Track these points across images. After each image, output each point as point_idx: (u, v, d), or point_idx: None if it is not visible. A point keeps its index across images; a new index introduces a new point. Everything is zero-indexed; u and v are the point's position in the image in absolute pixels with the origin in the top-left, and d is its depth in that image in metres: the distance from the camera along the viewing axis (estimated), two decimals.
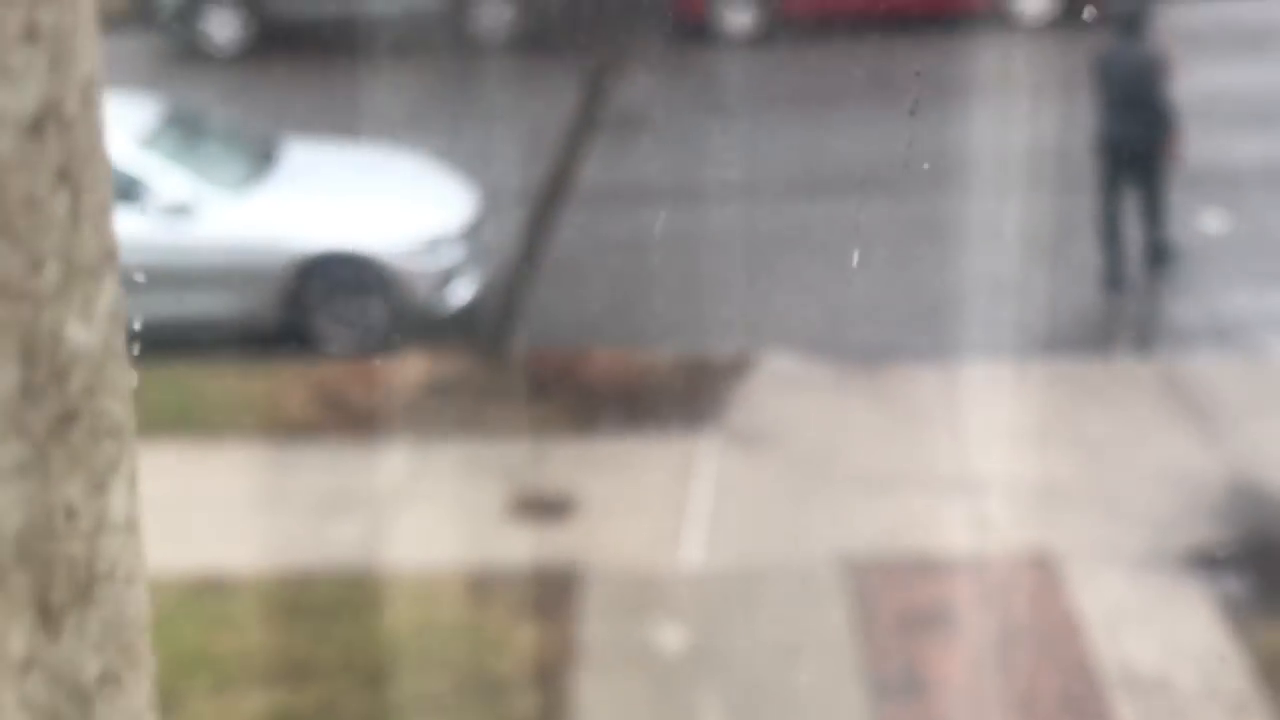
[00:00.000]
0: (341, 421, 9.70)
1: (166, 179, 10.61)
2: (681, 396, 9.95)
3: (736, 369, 10.17)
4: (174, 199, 10.57)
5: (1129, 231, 11.26)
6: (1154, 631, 7.87)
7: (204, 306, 10.42)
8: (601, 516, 8.87)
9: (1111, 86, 11.26)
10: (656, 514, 8.86)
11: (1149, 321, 11.10)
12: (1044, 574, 8.24)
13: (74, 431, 0.97)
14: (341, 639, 7.88)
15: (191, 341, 9.97)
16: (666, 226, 11.61)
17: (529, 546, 8.58)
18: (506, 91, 13.16)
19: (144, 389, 1.08)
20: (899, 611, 8.02)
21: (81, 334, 0.96)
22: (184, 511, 8.52)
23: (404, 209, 11.17)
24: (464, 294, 10.89)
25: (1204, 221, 11.77)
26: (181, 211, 10.57)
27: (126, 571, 1.01)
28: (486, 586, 8.26)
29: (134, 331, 1.06)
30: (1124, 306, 11.15)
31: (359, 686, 7.65)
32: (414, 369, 10.37)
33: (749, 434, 9.50)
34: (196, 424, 9.57)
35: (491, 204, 11.25)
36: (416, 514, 8.95)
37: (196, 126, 11.58)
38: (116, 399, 1.01)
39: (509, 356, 10.40)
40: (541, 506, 8.87)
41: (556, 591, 8.23)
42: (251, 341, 10.38)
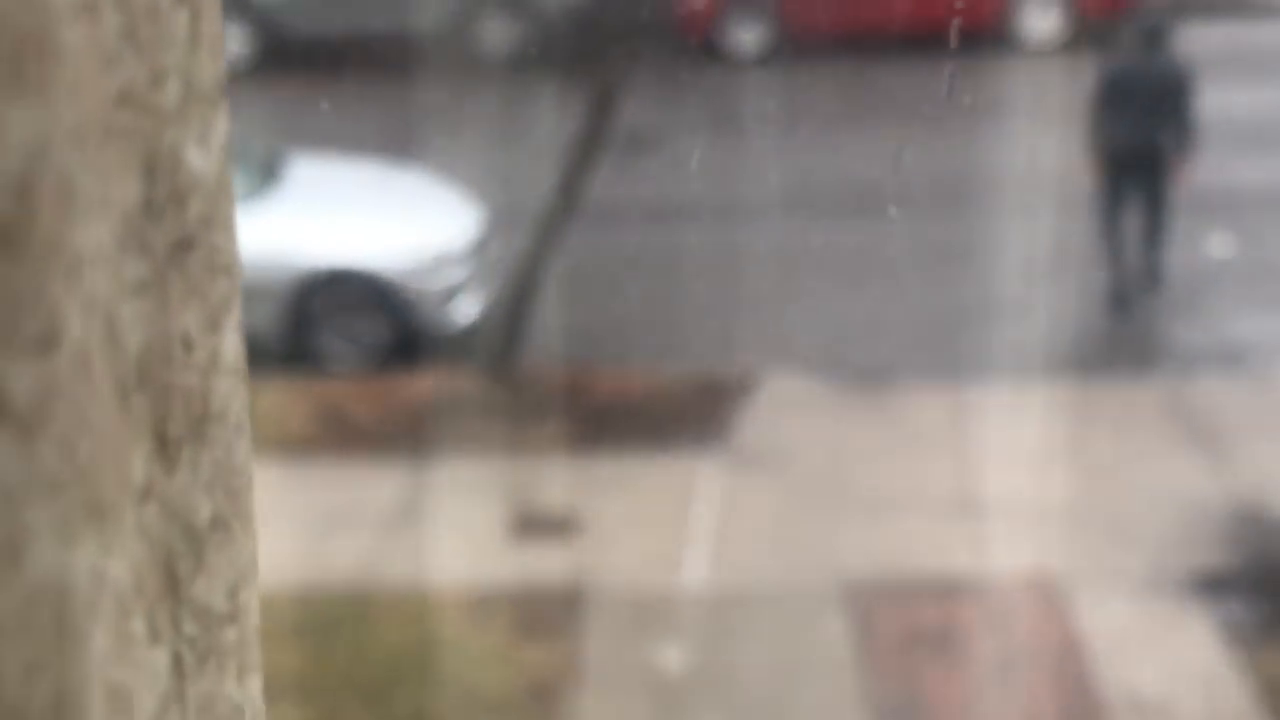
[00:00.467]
0: (344, 438, 9.70)
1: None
2: (686, 416, 9.94)
3: (741, 389, 10.16)
4: None
5: (1131, 250, 11.25)
6: (1156, 655, 7.85)
7: None
8: (605, 536, 8.85)
9: (1129, 101, 11.01)
10: (660, 533, 8.85)
11: (1150, 342, 11.09)
12: (1046, 597, 8.23)
13: (191, 260, 0.98)
14: (341, 656, 7.87)
15: None
16: (671, 245, 11.61)
17: (532, 565, 8.58)
18: (512, 109, 13.17)
19: None
20: (901, 633, 8.00)
21: (199, 159, 0.97)
22: None
23: (409, 226, 11.17)
24: (468, 311, 10.89)
25: (1209, 245, 11.76)
26: None
27: (236, 418, 1.03)
28: (488, 605, 8.25)
29: None
30: (1127, 327, 11.13)
31: (358, 704, 7.64)
32: (418, 386, 10.36)
33: (753, 454, 9.49)
34: None
35: (496, 221, 11.25)
36: (419, 531, 8.93)
37: None
38: (228, 235, 1.02)
39: (513, 374, 10.39)
40: (544, 525, 8.86)
41: (559, 610, 8.22)
42: (255, 357, 10.34)
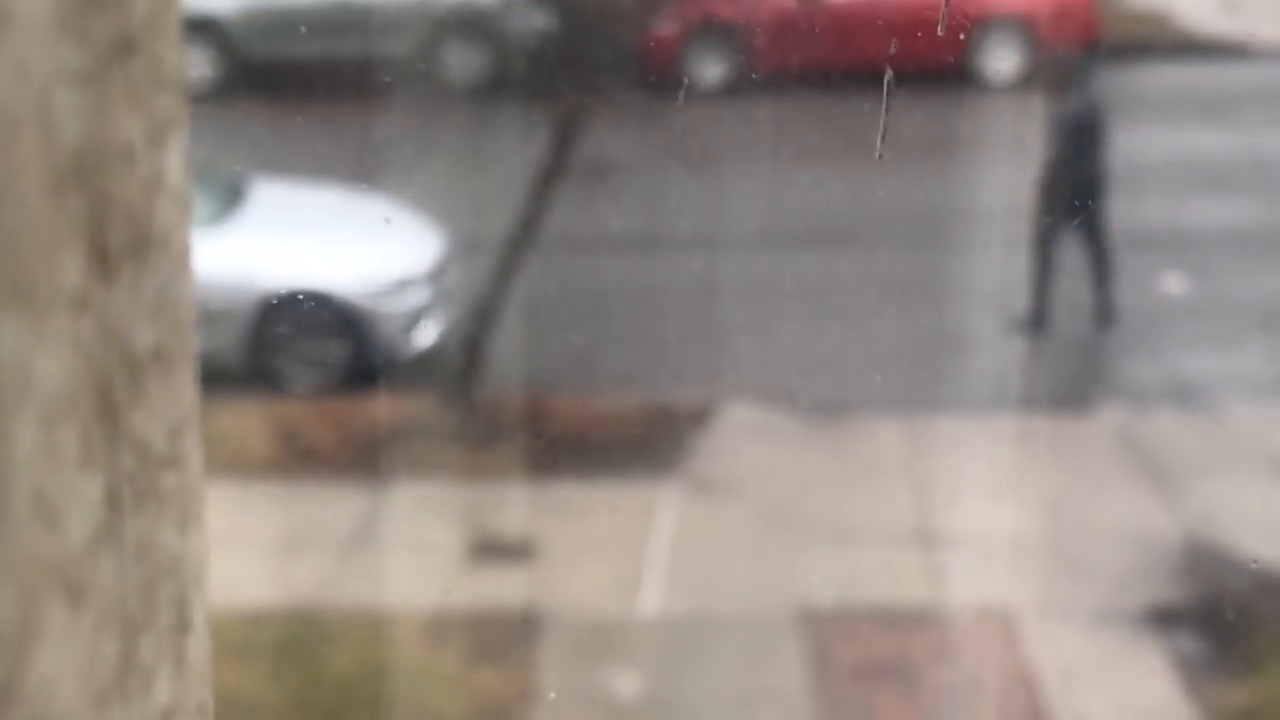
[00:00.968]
0: (303, 461, 9.69)
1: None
2: (643, 444, 9.97)
3: (698, 418, 10.20)
4: None
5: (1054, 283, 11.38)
6: (1108, 688, 7.90)
7: None
8: (561, 562, 8.87)
9: (1053, 140, 11.63)
10: (616, 560, 8.87)
11: (1105, 377, 11.17)
12: (1000, 628, 8.28)
13: (135, 64, 0.95)
14: (295, 679, 7.86)
15: None
16: (632, 275, 11.65)
17: (488, 590, 8.58)
18: (475, 137, 13.20)
19: None
20: (855, 663, 8.04)
21: None
22: None
23: (371, 251, 11.19)
24: (428, 337, 10.91)
25: (1164, 284, 11.87)
26: None
27: (180, 250, 1.00)
28: (444, 629, 8.25)
29: None
30: (1084, 364, 11.23)
31: None
32: (377, 410, 10.37)
33: (709, 483, 9.52)
34: None
35: (458, 248, 11.28)
36: (375, 555, 8.93)
37: None
38: (173, 49, 0.99)
39: (472, 400, 10.41)
40: (501, 550, 8.88)
41: (514, 635, 8.23)
42: (215, 379, 10.36)
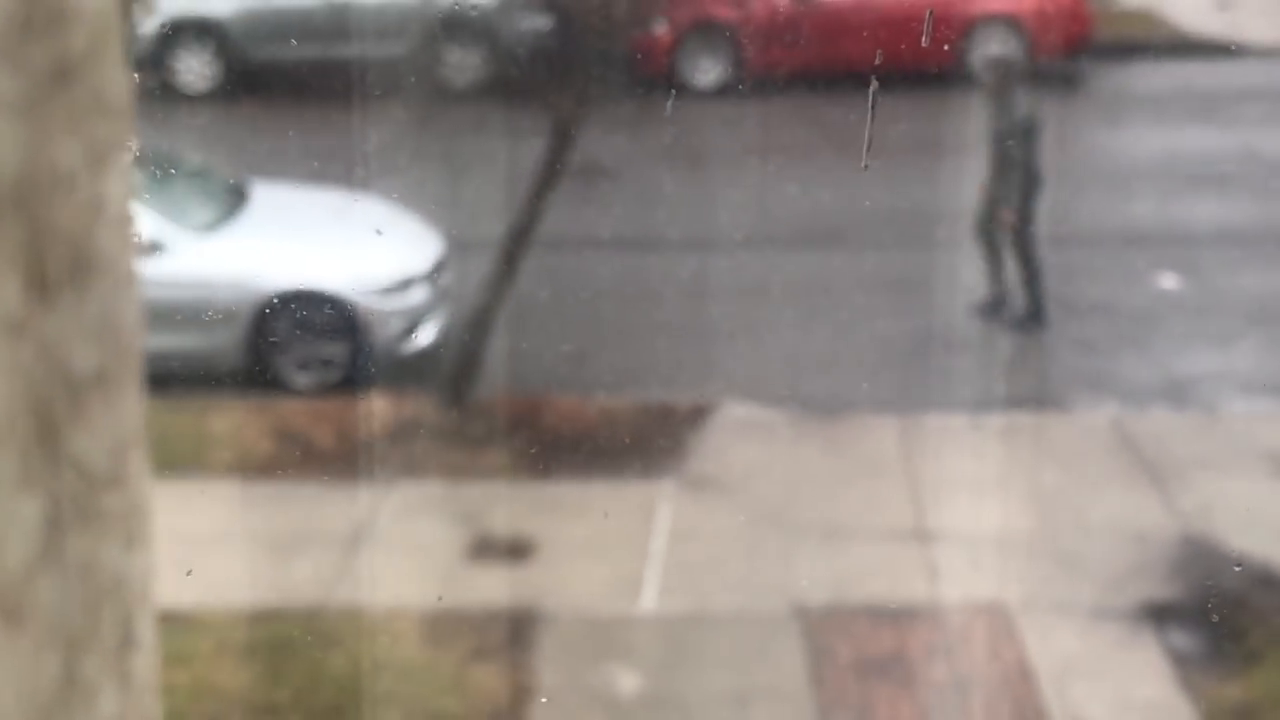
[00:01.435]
0: (304, 461, 9.75)
1: (136, 218, 10.65)
2: (641, 443, 10.03)
3: (696, 417, 10.26)
4: (144, 238, 10.63)
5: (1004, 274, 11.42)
6: (1104, 684, 7.97)
7: (171, 344, 10.46)
8: (560, 560, 8.93)
9: (995, 142, 11.63)
10: (614, 559, 8.93)
11: (1101, 374, 11.24)
12: (997, 624, 8.34)
13: (75, 91, 0.93)
14: (298, 677, 7.91)
15: (157, 379, 9.98)
16: (628, 275, 11.71)
17: (487, 588, 8.64)
18: (473, 138, 13.26)
19: None
20: (853, 659, 8.10)
21: None
22: None
23: (370, 252, 11.24)
24: (427, 337, 10.97)
25: (1158, 281, 11.94)
26: (151, 250, 10.63)
27: (123, 273, 0.97)
28: (444, 627, 8.31)
29: None
30: (1065, 360, 11.29)
31: None
32: (376, 410, 10.42)
33: (707, 481, 9.58)
34: (159, 461, 9.56)
35: (456, 249, 11.34)
36: (376, 554, 8.99)
37: (166, 166, 11.65)
38: (116, 76, 0.97)
39: (471, 400, 10.46)
40: (500, 549, 8.94)
41: (514, 633, 8.29)
42: (217, 379, 10.43)
